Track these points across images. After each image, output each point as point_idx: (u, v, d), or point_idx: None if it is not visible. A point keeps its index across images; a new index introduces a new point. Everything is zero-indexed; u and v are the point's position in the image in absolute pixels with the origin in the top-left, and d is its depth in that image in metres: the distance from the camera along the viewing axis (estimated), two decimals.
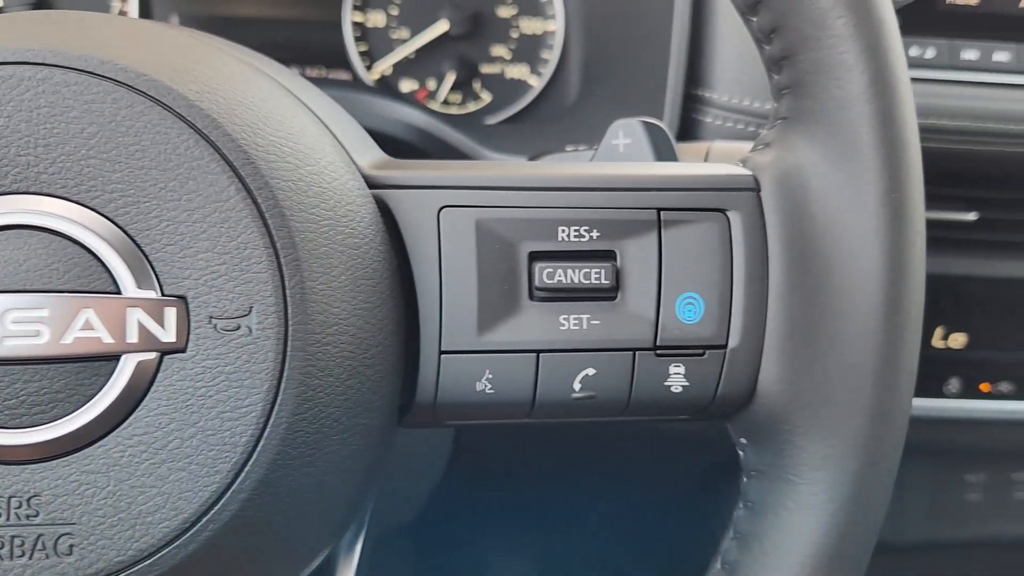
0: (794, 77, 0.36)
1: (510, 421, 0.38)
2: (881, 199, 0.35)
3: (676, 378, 0.37)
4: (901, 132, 0.35)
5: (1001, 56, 0.71)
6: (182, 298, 0.31)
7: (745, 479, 0.39)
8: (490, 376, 0.36)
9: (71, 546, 0.31)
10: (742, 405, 0.38)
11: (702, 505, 0.94)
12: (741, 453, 0.39)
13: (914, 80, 0.71)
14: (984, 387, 0.81)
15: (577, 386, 0.36)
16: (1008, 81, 0.72)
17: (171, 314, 0.31)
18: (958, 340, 0.80)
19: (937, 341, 0.79)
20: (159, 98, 0.31)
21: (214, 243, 0.31)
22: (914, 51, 0.71)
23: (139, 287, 0.31)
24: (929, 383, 0.81)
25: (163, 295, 0.31)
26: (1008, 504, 0.96)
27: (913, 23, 0.71)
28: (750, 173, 0.38)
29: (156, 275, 0.31)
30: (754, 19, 0.37)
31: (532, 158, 0.61)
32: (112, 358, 0.31)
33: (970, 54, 0.71)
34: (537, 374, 0.36)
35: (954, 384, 0.81)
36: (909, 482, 0.93)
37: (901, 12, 0.70)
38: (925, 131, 0.70)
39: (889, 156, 0.35)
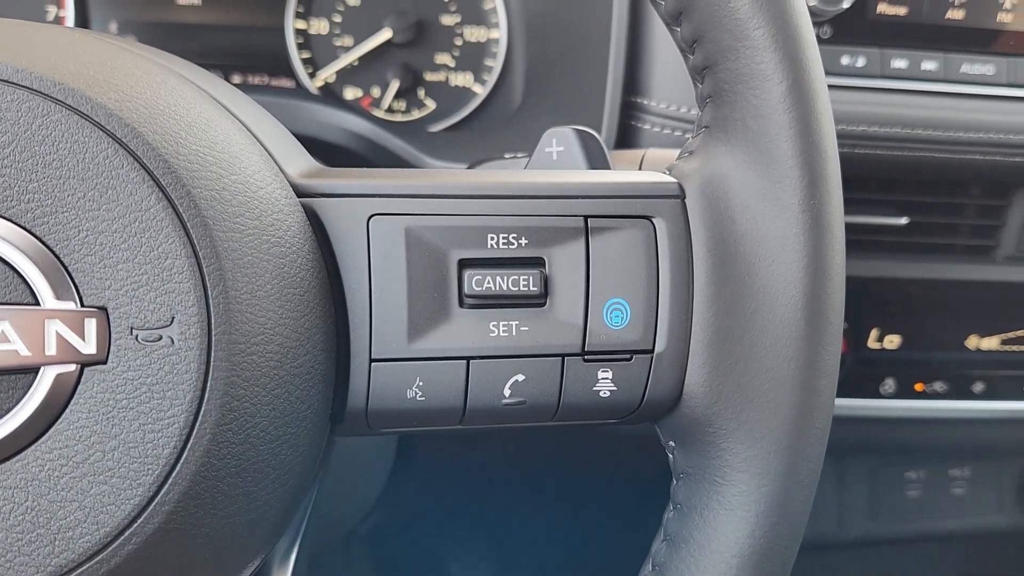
0: (715, 87, 0.37)
1: (442, 428, 0.38)
2: (800, 205, 0.36)
3: (604, 383, 0.37)
4: (819, 140, 0.36)
5: (929, 65, 0.73)
6: (103, 309, 0.31)
7: (675, 481, 0.40)
8: (421, 384, 0.36)
9: None
10: (669, 409, 0.38)
11: (648, 507, 0.95)
12: (670, 456, 0.40)
13: (845, 88, 0.73)
14: (919, 387, 0.83)
15: (507, 392, 0.37)
16: (936, 89, 0.74)
17: (91, 325, 0.31)
18: (893, 341, 0.82)
19: (873, 342, 0.81)
20: (77, 107, 0.31)
21: (135, 253, 0.31)
22: (845, 60, 0.72)
23: (58, 298, 0.31)
24: (866, 383, 0.83)
25: (83, 306, 0.31)
26: (946, 499, 0.98)
27: (844, 32, 0.73)
28: (675, 181, 0.38)
29: (76, 286, 0.31)
30: (678, 29, 0.38)
31: (471, 166, 0.61)
32: (30, 371, 0.30)
33: (899, 63, 0.73)
34: (467, 381, 0.36)
35: (890, 384, 0.83)
36: (850, 480, 0.95)
37: (832, 21, 0.72)
38: (857, 138, 0.73)
39: (807, 164, 0.36)
